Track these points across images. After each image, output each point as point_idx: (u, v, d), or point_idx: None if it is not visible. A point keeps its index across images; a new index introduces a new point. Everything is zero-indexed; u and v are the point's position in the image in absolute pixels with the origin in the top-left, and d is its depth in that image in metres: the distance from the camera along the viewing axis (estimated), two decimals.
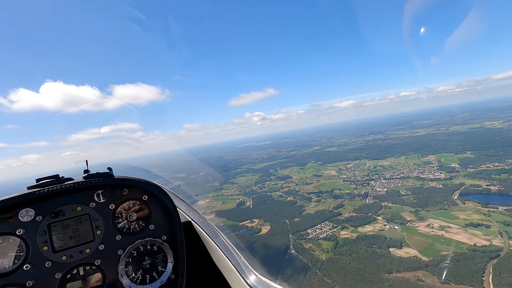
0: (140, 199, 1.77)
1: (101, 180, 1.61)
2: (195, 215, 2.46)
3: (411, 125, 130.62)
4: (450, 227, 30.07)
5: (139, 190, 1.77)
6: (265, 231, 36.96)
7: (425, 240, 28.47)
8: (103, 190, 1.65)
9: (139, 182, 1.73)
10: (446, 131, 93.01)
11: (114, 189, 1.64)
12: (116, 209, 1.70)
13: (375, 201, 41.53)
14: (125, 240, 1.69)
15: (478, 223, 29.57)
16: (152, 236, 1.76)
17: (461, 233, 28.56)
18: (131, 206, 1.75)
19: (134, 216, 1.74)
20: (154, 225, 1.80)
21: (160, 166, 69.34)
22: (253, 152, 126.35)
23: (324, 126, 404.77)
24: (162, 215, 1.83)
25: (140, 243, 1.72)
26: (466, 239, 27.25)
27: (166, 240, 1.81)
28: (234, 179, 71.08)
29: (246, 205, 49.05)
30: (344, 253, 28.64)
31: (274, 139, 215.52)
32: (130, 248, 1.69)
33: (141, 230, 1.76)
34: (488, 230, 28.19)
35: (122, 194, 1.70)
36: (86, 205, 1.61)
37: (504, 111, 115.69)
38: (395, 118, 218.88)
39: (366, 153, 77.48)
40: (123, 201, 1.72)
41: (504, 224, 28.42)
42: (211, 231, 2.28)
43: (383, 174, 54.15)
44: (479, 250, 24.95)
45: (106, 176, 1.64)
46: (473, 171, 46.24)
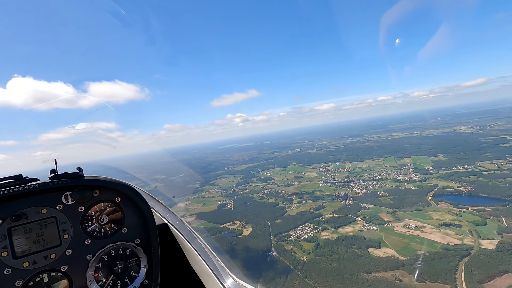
0: (112, 201, 1.66)
1: (70, 181, 1.49)
2: (172, 217, 2.37)
3: (388, 128, 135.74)
4: (425, 227, 31.26)
5: (111, 192, 1.66)
6: (247, 233, 36.66)
7: (402, 240, 29.41)
8: (72, 192, 1.53)
9: (111, 183, 1.62)
10: (420, 135, 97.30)
11: (83, 191, 1.53)
12: (86, 212, 1.58)
13: (355, 202, 42.46)
14: (95, 244, 1.58)
15: (451, 223, 30.99)
16: (124, 239, 1.66)
17: (435, 232, 29.76)
18: (102, 209, 1.63)
19: (105, 219, 1.63)
20: (127, 228, 1.69)
21: (139, 167, 66.94)
22: (235, 154, 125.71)
23: (305, 128, 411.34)
24: (136, 217, 1.72)
25: (112, 247, 1.61)
26: (440, 238, 28.44)
27: (139, 243, 1.71)
28: (215, 180, 70.24)
29: (228, 207, 48.51)
30: (325, 254, 28.93)
31: (256, 140, 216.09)
32: (101, 252, 1.58)
33: (113, 234, 1.65)
34: (459, 229, 29.59)
35: (92, 196, 1.59)
36: (53, 207, 1.48)
37: (472, 117, 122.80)
38: (373, 122, 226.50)
39: (345, 155, 79.35)
40: (94, 203, 1.61)
41: (474, 224, 29.94)
42: (188, 233, 2.22)
43: (362, 176, 55.59)
44: (452, 249, 26.11)
45: (75, 176, 1.52)
46: (445, 173, 48.55)
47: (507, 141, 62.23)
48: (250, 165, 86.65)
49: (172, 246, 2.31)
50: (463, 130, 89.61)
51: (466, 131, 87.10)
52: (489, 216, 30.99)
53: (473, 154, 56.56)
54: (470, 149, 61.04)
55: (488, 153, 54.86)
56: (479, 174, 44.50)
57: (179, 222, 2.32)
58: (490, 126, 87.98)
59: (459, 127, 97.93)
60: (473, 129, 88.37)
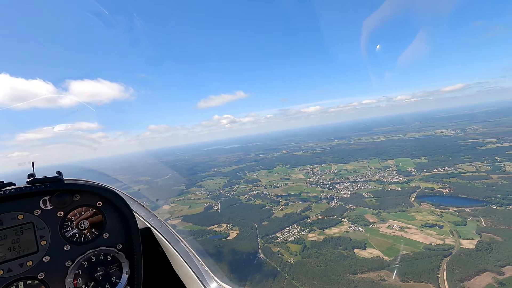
0: (93, 206, 1.60)
1: (48, 185, 1.43)
2: (155, 221, 2.33)
3: (372, 131, 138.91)
4: (408, 227, 32.01)
5: (92, 196, 1.60)
6: (234, 236, 36.33)
7: (387, 241, 29.97)
8: (51, 196, 1.46)
9: (93, 188, 1.56)
10: (403, 138, 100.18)
11: (63, 195, 1.47)
12: (66, 217, 1.51)
13: (341, 203, 42.99)
14: (75, 250, 1.52)
15: (433, 224, 31.89)
16: (106, 245, 1.61)
17: (418, 233, 30.52)
18: (83, 213, 1.57)
19: (86, 224, 1.57)
20: (108, 233, 1.63)
21: (122, 169, 65.21)
22: (221, 155, 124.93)
23: (291, 130, 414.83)
24: (118, 222, 1.67)
25: (92, 253, 1.55)
26: (423, 238, 29.18)
27: (121, 249, 1.65)
28: (202, 182, 69.41)
29: (214, 209, 47.96)
30: (312, 255, 29.04)
31: (243, 142, 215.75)
32: (81, 258, 1.52)
33: (94, 239, 1.59)
34: (441, 230, 30.49)
35: (72, 201, 1.53)
36: (30, 212, 1.41)
37: (451, 121, 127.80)
38: (358, 124, 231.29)
39: (331, 157, 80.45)
40: (74, 208, 1.54)
41: (454, 224, 30.94)
42: (172, 237, 2.19)
43: (348, 178, 56.46)
44: (434, 249, 26.86)
45: (54, 181, 1.45)
46: (427, 175, 50.09)
47: (484, 144, 64.97)
48: (237, 166, 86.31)
49: (155, 251, 2.26)
50: (443, 134, 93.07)
51: (446, 134, 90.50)
52: (468, 216, 32.12)
53: (453, 156, 58.72)
54: (450, 151, 63.34)
55: (467, 155, 57.08)
56: (458, 176, 46.17)
57: (163, 226, 2.27)
58: (468, 129, 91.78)
59: (440, 130, 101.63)
60: (453, 132, 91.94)
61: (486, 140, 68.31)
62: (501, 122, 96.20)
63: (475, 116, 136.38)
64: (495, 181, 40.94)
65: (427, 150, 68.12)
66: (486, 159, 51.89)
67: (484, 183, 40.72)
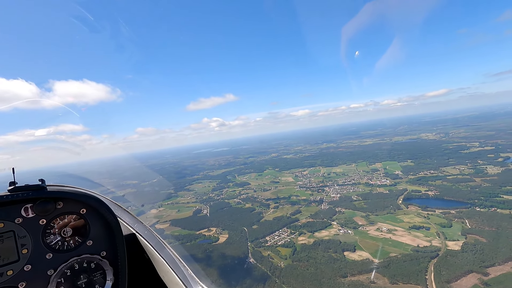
0: (77, 213, 1.58)
1: (30, 193, 1.40)
2: (140, 226, 2.30)
3: (360, 135, 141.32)
4: (396, 230, 32.44)
5: (76, 203, 1.58)
6: (223, 240, 35.87)
7: (375, 243, 30.24)
8: (33, 204, 1.43)
9: (76, 195, 1.54)
10: (389, 141, 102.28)
11: (45, 203, 1.43)
12: (48, 225, 1.49)
13: (330, 206, 43.22)
14: (57, 259, 1.49)
15: (420, 226, 32.43)
16: (89, 252, 1.59)
17: (406, 235, 30.97)
18: (66, 221, 1.55)
19: (69, 231, 1.55)
20: (92, 240, 1.62)
21: (108, 173, 63.75)
22: (210, 158, 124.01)
23: (280, 133, 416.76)
24: (102, 229, 1.65)
25: (75, 260, 1.53)
26: (410, 241, 29.62)
27: (105, 256, 1.63)
28: (191, 186, 68.52)
29: (203, 213, 47.32)
30: (302, 259, 28.94)
31: (232, 145, 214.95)
32: (63, 267, 1.49)
33: (77, 247, 1.57)
34: (428, 232, 31.05)
35: (55, 208, 1.50)
36: (11, 221, 1.39)
37: (436, 125, 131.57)
38: (346, 128, 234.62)
39: (320, 160, 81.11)
40: (57, 215, 1.52)
41: (440, 226, 31.58)
42: (157, 243, 2.17)
43: (337, 181, 56.96)
44: (422, 251, 27.28)
45: (36, 188, 1.43)
46: (413, 177, 51.14)
47: (467, 147, 67.06)
48: (226, 170, 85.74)
49: (140, 257, 2.23)
50: (428, 137, 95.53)
51: (431, 138, 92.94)
52: (454, 218, 32.86)
53: (438, 159, 60.30)
54: (435, 155, 65.03)
55: (451, 159, 58.72)
56: (443, 178, 47.36)
57: (148, 232, 2.25)
58: (452, 133, 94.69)
59: (425, 134, 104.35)
60: (437, 136, 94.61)
61: (468, 144, 70.56)
62: (482, 127, 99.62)
63: (458, 120, 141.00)
64: (478, 183, 42.15)
65: (413, 154, 69.70)
66: (469, 162, 53.52)
67: (468, 186, 41.86)
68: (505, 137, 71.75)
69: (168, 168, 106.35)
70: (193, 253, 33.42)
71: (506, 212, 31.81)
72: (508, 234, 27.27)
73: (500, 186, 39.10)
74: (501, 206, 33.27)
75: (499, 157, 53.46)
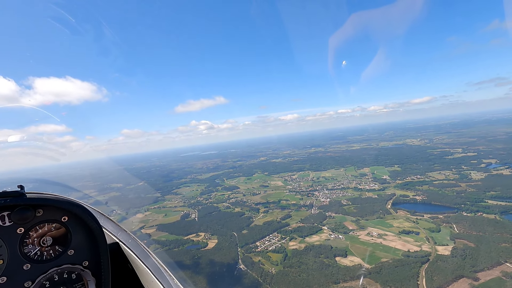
0: (58, 221, 1.51)
1: (8, 200, 1.34)
2: (124, 235, 2.24)
3: (347, 139, 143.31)
4: (387, 234, 32.52)
5: (57, 210, 1.51)
6: (212, 245, 34.92)
7: (367, 248, 30.15)
8: (11, 212, 1.37)
9: (58, 202, 1.47)
10: (376, 146, 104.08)
11: (24, 211, 1.37)
12: (26, 233, 1.42)
13: (320, 211, 43.08)
14: (36, 270, 1.43)
15: (410, 230, 32.66)
16: (70, 262, 1.53)
17: (396, 240, 31.07)
18: (46, 229, 1.48)
19: (49, 240, 1.48)
20: (74, 249, 1.55)
21: (92, 176, 61.69)
22: (198, 162, 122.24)
23: (268, 137, 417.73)
24: (84, 238, 1.59)
25: (55, 271, 1.47)
26: (401, 245, 29.70)
27: (87, 266, 1.58)
28: (178, 189, 66.96)
29: (191, 218, 46.14)
30: (294, 265, 28.44)
31: (220, 148, 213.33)
32: (42, 278, 1.43)
33: (57, 256, 1.51)
34: (417, 236, 31.27)
35: (35, 216, 1.43)
36: None
37: (420, 131, 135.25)
38: (333, 133, 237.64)
39: (309, 164, 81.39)
40: (36, 223, 1.45)
41: (429, 231, 31.90)
42: (141, 252, 2.11)
43: (326, 185, 57.06)
44: (412, 256, 27.36)
45: (15, 195, 1.36)
46: (401, 182, 51.92)
47: (451, 153, 69.04)
48: (215, 173, 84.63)
49: (123, 267, 2.15)
50: (413, 143, 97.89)
51: (416, 144, 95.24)
52: (442, 223, 33.30)
53: (423, 165, 61.59)
54: (420, 160, 66.50)
55: (436, 164, 60.13)
56: (430, 183, 48.27)
57: (132, 240, 2.20)
58: (436, 139, 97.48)
59: (410, 140, 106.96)
60: (422, 142, 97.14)
61: (452, 150, 72.71)
62: (464, 133, 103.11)
63: (441, 127, 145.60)
64: (463, 188, 43.17)
65: (400, 159, 71.02)
66: (453, 168, 54.91)
67: (454, 191, 42.78)
68: (486, 144, 74.40)
69: (155, 171, 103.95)
70: (180, 260, 32.30)
71: (491, 216, 32.52)
72: (494, 239, 27.76)
73: (484, 191, 40.15)
74: (486, 211, 34.05)
75: (482, 163, 55.15)
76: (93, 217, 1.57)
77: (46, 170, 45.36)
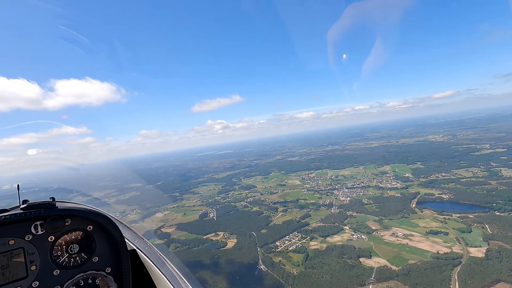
0: (84, 230, 1.61)
1: (42, 211, 1.44)
2: (141, 242, 2.30)
3: (365, 137, 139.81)
4: (413, 235, 31.12)
5: (83, 220, 1.60)
6: (231, 245, 34.73)
7: (392, 249, 28.94)
8: (44, 222, 1.46)
9: (85, 212, 1.57)
10: (396, 143, 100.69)
11: (56, 221, 1.47)
12: (56, 241, 1.52)
13: (340, 210, 41.99)
14: (64, 275, 1.53)
15: (438, 231, 31.11)
16: (95, 269, 1.62)
17: (423, 241, 29.64)
18: (73, 238, 1.58)
19: (76, 248, 1.58)
20: (98, 256, 1.64)
21: (112, 176, 63.06)
22: (214, 161, 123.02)
23: (284, 136, 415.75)
24: (107, 245, 1.68)
25: (81, 277, 1.57)
26: (429, 247, 28.28)
27: (110, 272, 1.66)
28: (196, 188, 67.50)
29: (210, 217, 46.25)
30: (316, 265, 27.70)
31: (235, 148, 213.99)
32: (69, 283, 1.53)
33: (83, 263, 1.60)
34: (447, 237, 29.70)
35: (64, 225, 1.52)
36: (21, 238, 1.42)
37: (442, 127, 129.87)
38: (349, 130, 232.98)
39: (326, 162, 79.83)
40: (65, 232, 1.55)
41: (459, 231, 30.23)
42: (157, 259, 2.15)
43: (345, 184, 55.68)
44: (442, 258, 25.94)
45: (48, 206, 1.46)
46: (425, 180, 49.75)
47: (477, 149, 65.61)
48: (231, 172, 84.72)
49: (140, 273, 2.17)
50: (436, 139, 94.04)
51: (438, 140, 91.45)
52: (472, 223, 31.50)
53: (448, 162, 58.83)
54: (445, 157, 63.58)
55: (462, 161, 57.30)
56: (456, 181, 45.96)
57: (148, 248, 2.26)
58: (460, 135, 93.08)
59: (432, 136, 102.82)
60: (445, 138, 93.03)
61: (479, 146, 69.10)
62: (491, 128, 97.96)
63: (464, 122, 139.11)
64: (494, 186, 40.77)
65: (422, 156, 68.30)
66: (481, 165, 52.10)
67: (483, 189, 40.48)
68: None
69: (172, 171, 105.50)
70: (200, 259, 32.31)
71: None
72: None
73: None
74: None
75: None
76: (115, 227, 1.65)
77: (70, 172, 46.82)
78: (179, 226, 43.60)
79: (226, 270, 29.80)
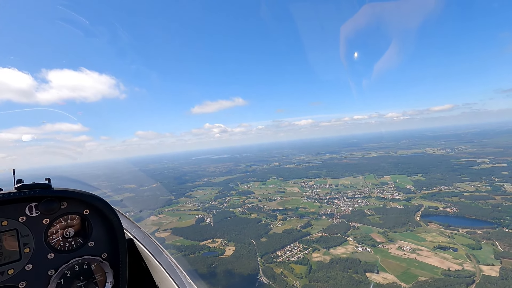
0: (80, 214, 1.56)
1: (37, 191, 1.39)
2: (138, 232, 2.26)
3: (362, 147, 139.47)
4: (420, 249, 29.93)
5: (80, 204, 1.56)
6: (230, 253, 33.09)
7: (400, 264, 27.68)
8: (38, 203, 1.42)
9: (82, 195, 1.52)
10: (394, 154, 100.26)
11: (51, 202, 1.42)
12: (51, 224, 1.47)
13: (342, 220, 40.70)
14: (59, 259, 1.48)
15: (446, 246, 29.98)
16: (91, 254, 1.58)
17: (432, 256, 28.45)
18: (69, 221, 1.53)
19: (71, 232, 1.53)
20: (94, 242, 1.60)
21: (105, 176, 60.68)
22: (211, 165, 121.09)
23: (281, 142, 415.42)
24: (104, 231, 1.63)
25: (76, 262, 1.52)
26: (438, 262, 27.08)
27: (106, 258, 1.62)
28: (192, 192, 65.61)
29: (206, 222, 44.50)
30: (320, 279, 26.27)
31: (232, 152, 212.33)
32: (64, 267, 1.48)
33: (79, 248, 1.55)
34: (456, 253, 28.56)
35: (60, 208, 1.48)
36: (14, 219, 1.37)
37: (439, 140, 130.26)
38: (347, 140, 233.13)
39: (325, 171, 78.68)
40: (60, 215, 1.50)
41: (469, 247, 29.13)
42: (155, 249, 2.11)
43: (346, 193, 54.50)
44: (454, 275, 24.74)
45: (43, 187, 1.42)
46: (427, 193, 48.86)
47: (477, 164, 65.20)
48: (228, 177, 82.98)
49: (137, 263, 2.15)
50: (434, 152, 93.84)
51: (436, 153, 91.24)
52: (482, 239, 30.45)
53: (449, 175, 58.17)
54: (445, 170, 62.97)
55: (463, 174, 56.66)
56: (460, 195, 45.15)
57: (146, 237, 2.21)
58: (458, 149, 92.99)
59: (430, 148, 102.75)
60: (443, 151, 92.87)
61: (478, 160, 68.76)
62: (488, 143, 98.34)
63: (461, 136, 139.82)
64: (498, 201, 40.01)
65: (422, 168, 67.67)
66: (483, 179, 51.51)
67: (488, 204, 39.67)
68: None
69: (168, 173, 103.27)
70: (196, 268, 30.54)
71: None
72: None
73: None
74: None
75: None
76: (113, 211, 1.60)
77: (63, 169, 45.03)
78: (175, 230, 41.80)
79: (224, 280, 28.15)
